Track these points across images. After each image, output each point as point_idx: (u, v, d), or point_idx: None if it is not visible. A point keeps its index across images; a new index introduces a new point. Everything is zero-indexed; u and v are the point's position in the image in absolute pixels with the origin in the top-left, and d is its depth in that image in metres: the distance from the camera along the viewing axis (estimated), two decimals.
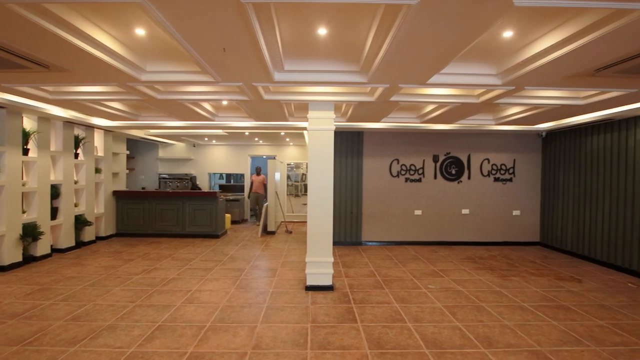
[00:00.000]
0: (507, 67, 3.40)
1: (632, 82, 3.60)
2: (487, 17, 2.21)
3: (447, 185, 7.32)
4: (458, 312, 3.75)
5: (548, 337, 3.20)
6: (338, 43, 3.12)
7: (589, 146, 6.11)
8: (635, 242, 5.20)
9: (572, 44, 2.65)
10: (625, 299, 4.23)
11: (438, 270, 5.36)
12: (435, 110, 5.40)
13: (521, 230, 7.41)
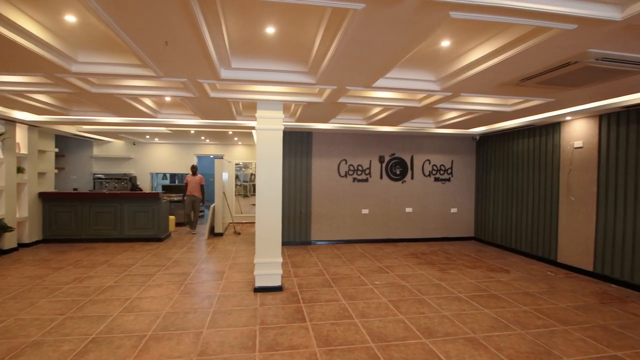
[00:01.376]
0: (445, 75, 3.63)
1: (550, 92, 4.04)
2: (427, 25, 2.35)
3: (392, 185, 7.64)
4: (402, 305, 3.94)
5: (481, 324, 3.48)
6: (287, 43, 3.12)
7: (516, 149, 6.74)
8: (553, 235, 5.84)
9: (500, 56, 2.91)
10: (545, 286, 4.73)
11: (384, 267, 5.57)
12: (380, 113, 5.61)
13: (458, 227, 7.97)
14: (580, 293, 4.44)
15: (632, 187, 4.60)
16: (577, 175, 5.40)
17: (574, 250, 5.44)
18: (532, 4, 2.05)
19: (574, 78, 3.36)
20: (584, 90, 3.89)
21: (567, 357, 2.86)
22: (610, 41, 2.54)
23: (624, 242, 4.70)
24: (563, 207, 5.66)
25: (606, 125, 4.97)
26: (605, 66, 2.98)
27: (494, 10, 2.09)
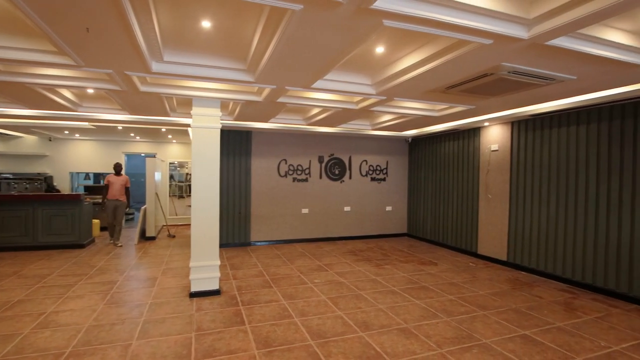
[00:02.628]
0: (380, 79, 3.81)
1: (472, 100, 4.44)
2: (363, 31, 2.45)
3: (331, 185, 7.81)
4: (340, 302, 4.05)
5: (412, 314, 3.71)
6: (224, 39, 3.04)
7: (443, 151, 7.30)
8: (474, 230, 6.43)
9: (428, 65, 3.13)
10: (468, 276, 5.19)
11: (323, 265, 5.67)
12: (320, 114, 5.70)
13: (393, 224, 8.41)
14: (496, 281, 4.95)
15: (537, 186, 5.25)
16: (494, 176, 6.01)
17: (491, 243, 6.06)
18: (456, 18, 2.25)
19: (490, 88, 3.74)
20: (499, 99, 4.34)
21: (486, 339, 3.17)
22: (519, 56, 2.88)
23: (531, 234, 5.34)
24: (482, 204, 6.26)
25: (517, 131, 5.60)
26: (515, 78, 3.36)
27: (422, 21, 2.25)
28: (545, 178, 5.13)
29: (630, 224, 4.13)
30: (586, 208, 4.60)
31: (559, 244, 4.94)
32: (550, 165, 5.06)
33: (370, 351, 2.93)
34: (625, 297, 4.18)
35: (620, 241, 4.22)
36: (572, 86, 3.70)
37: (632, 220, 4.12)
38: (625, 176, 4.19)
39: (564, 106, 4.45)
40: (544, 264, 5.14)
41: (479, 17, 2.31)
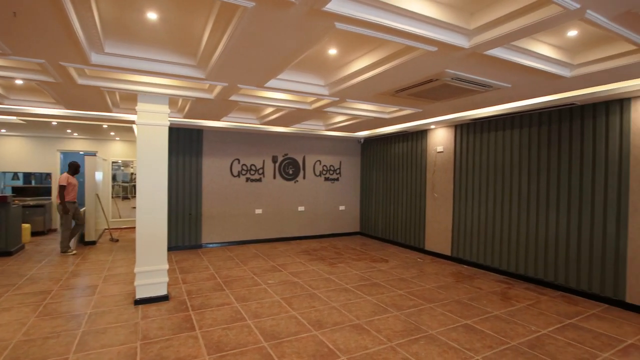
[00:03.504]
0: (333, 80, 3.87)
1: (419, 103, 4.66)
2: (316, 32, 2.48)
3: (285, 185, 7.79)
4: (294, 302, 4.05)
5: (364, 310, 3.82)
6: (172, 32, 2.91)
7: (393, 152, 7.58)
8: (422, 227, 6.76)
9: (378, 68, 3.24)
10: (416, 271, 5.45)
11: (277, 265, 5.64)
12: (273, 113, 5.66)
13: (346, 223, 8.58)
14: (441, 275, 5.25)
15: (477, 185, 5.64)
16: (440, 175, 6.36)
17: (437, 239, 6.40)
18: (404, 25, 2.35)
19: (436, 93, 3.96)
20: (443, 103, 4.60)
21: (432, 330, 3.35)
22: (461, 64, 3.07)
23: (472, 230, 5.73)
24: (429, 202, 6.60)
25: (460, 134, 5.98)
26: (458, 85, 3.59)
27: (373, 26, 2.32)
28: (485, 178, 5.53)
29: (556, 220, 4.58)
30: (519, 205, 5.03)
31: (496, 239, 5.35)
32: (489, 166, 5.47)
33: (323, 349, 2.96)
34: (552, 285, 4.63)
35: (547, 235, 4.67)
36: (507, 93, 4.03)
37: (557, 216, 4.57)
38: (552, 176, 4.64)
39: (501, 112, 4.83)
40: (484, 257, 5.54)
41: (425, 25, 2.43)
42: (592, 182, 4.23)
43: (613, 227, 4.03)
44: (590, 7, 2.07)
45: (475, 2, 2.40)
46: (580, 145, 4.35)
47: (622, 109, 3.98)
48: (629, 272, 3.90)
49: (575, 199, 4.38)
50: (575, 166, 4.39)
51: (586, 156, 4.29)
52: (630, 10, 2.09)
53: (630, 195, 3.90)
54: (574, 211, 4.39)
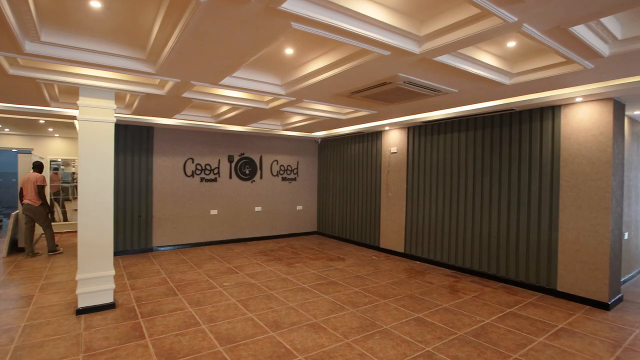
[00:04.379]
0: (290, 80, 3.87)
1: (374, 105, 4.80)
2: (272, 31, 2.46)
3: (242, 185, 7.64)
4: (251, 303, 3.99)
5: (321, 309, 3.85)
6: (119, 23, 2.74)
7: (349, 152, 7.73)
8: (377, 225, 6.96)
9: (334, 70, 3.29)
10: (371, 268, 5.59)
11: (233, 267, 5.52)
12: (229, 112, 5.54)
13: (303, 223, 8.60)
14: (395, 271, 5.44)
15: (428, 185, 5.92)
16: (394, 175, 6.59)
17: (391, 237, 6.63)
18: (359, 28, 2.40)
19: (389, 95, 4.10)
20: (397, 106, 4.77)
21: (386, 325, 3.46)
22: (413, 69, 3.21)
23: (423, 227, 6.00)
24: (384, 202, 6.81)
25: (412, 136, 6.23)
26: (409, 88, 3.74)
27: (329, 28, 2.35)
28: (435, 178, 5.82)
29: (498, 217, 4.93)
30: (466, 204, 5.35)
31: (445, 236, 5.64)
32: (439, 167, 5.76)
33: (280, 350, 2.95)
34: (494, 277, 4.98)
35: (490, 231, 5.01)
36: (455, 98, 4.26)
37: (499, 213, 4.92)
38: (494, 176, 4.99)
39: (449, 115, 5.11)
40: (434, 253, 5.83)
41: (379, 30, 2.51)
42: (528, 182, 4.61)
43: (546, 223, 4.42)
44: (526, 21, 2.26)
45: (425, 11, 2.51)
46: (518, 147, 4.72)
47: (554, 115, 4.38)
48: (559, 263, 4.30)
49: (515, 197, 4.75)
50: (515, 167, 4.76)
51: (524, 158, 4.66)
52: (559, 26, 2.31)
53: (560, 193, 4.30)
54: (514, 208, 4.76)
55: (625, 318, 3.71)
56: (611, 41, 2.70)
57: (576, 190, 4.16)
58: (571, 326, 3.49)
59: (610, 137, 3.90)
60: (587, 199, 4.06)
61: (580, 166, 4.13)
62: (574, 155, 4.19)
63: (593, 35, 2.57)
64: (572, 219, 4.19)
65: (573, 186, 4.19)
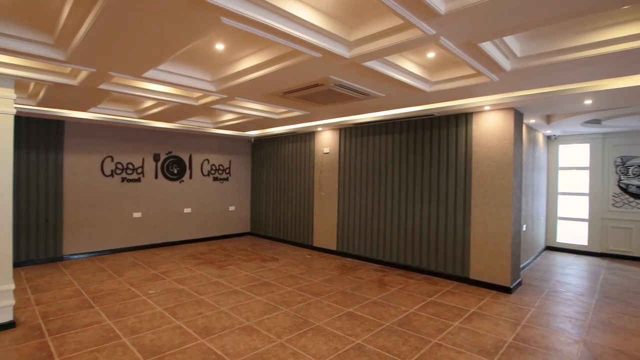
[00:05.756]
0: (221, 77, 3.75)
1: (307, 106, 4.86)
2: (201, 24, 2.36)
3: (169, 185, 7.20)
4: (179, 311, 3.78)
5: (254, 311, 3.80)
6: (19, 1, 2.40)
7: (283, 152, 7.73)
8: (310, 224, 7.06)
9: (267, 69, 3.27)
10: (305, 267, 5.66)
11: (159, 273, 5.18)
12: (154, 107, 5.18)
13: (236, 223, 8.39)
14: (328, 269, 5.58)
15: (359, 184, 6.17)
16: (326, 175, 6.75)
17: (324, 235, 6.78)
18: (291, 29, 2.42)
19: (321, 97, 4.19)
20: (329, 107, 4.90)
21: (319, 322, 3.53)
22: (343, 72, 3.32)
23: (354, 225, 6.24)
24: (317, 201, 6.94)
25: (344, 137, 6.45)
26: (340, 91, 3.86)
27: (260, 26, 2.33)
28: (365, 177, 6.09)
29: (420, 214, 5.33)
30: (392, 202, 5.68)
31: (374, 232, 5.94)
32: (368, 167, 6.04)
33: (211, 357, 2.85)
34: (418, 269, 5.37)
35: (414, 227, 5.40)
36: (382, 102, 4.51)
37: (421, 210, 5.32)
38: (417, 176, 5.38)
39: (378, 118, 5.39)
40: (364, 249, 6.10)
41: (311, 32, 2.55)
42: (446, 181, 5.05)
43: (461, 218, 4.89)
44: (443, 35, 2.48)
45: (355, 17, 2.62)
46: (438, 150, 5.15)
47: (467, 121, 4.86)
48: (472, 254, 4.79)
49: (435, 196, 5.17)
50: (435, 168, 5.18)
51: (442, 160, 5.10)
52: (470, 41, 2.57)
53: (472, 192, 4.79)
54: (434, 206, 5.18)
55: (523, 299, 4.26)
56: (512, 58, 3.08)
57: (485, 188, 4.67)
58: (481, 310, 3.91)
59: (512, 142, 4.45)
60: (494, 197, 4.58)
61: (488, 167, 4.64)
62: (483, 157, 4.70)
63: (498, 51, 2.91)
64: (481, 214, 4.70)
65: (482, 185, 4.69)
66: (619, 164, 6.54)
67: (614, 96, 3.76)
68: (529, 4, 2.03)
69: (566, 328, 3.48)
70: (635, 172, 6.35)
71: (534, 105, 4.27)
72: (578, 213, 6.99)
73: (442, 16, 2.18)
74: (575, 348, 3.07)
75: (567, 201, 7.14)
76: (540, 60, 2.98)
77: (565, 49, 2.81)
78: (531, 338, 3.25)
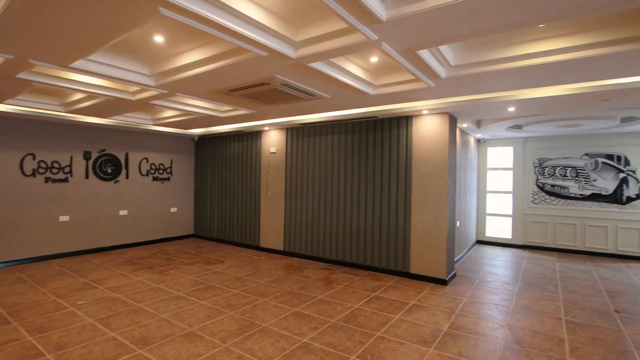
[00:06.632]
0: (161, 71, 3.55)
1: (253, 105, 4.78)
2: (138, 13, 2.21)
3: (103, 186, 6.66)
4: (113, 321, 3.52)
5: (197, 316, 3.66)
6: None
7: (229, 151, 7.53)
8: (257, 225, 6.96)
9: (210, 65, 3.16)
10: (251, 268, 5.57)
11: (91, 282, 4.77)
12: (85, 100, 4.76)
13: (178, 226, 8.00)
14: (275, 269, 5.54)
15: (305, 184, 6.21)
16: (273, 175, 6.70)
17: (271, 236, 6.73)
18: (235, 25, 2.37)
19: (267, 96, 4.15)
20: (276, 107, 4.87)
21: (265, 323, 3.50)
22: (290, 72, 3.32)
23: (301, 225, 6.27)
24: (263, 201, 6.86)
25: (291, 137, 6.45)
26: (287, 91, 3.86)
27: (202, 20, 2.25)
28: (311, 177, 6.15)
29: (365, 212, 5.51)
30: (338, 201, 5.81)
31: (320, 231, 6.02)
32: (315, 167, 6.11)
33: None
34: (363, 266, 5.55)
35: (359, 225, 5.57)
36: (328, 103, 4.59)
37: (365, 209, 5.51)
38: (362, 176, 5.55)
39: (324, 119, 5.47)
40: (311, 249, 6.15)
41: (257, 30, 2.52)
42: (389, 181, 5.28)
43: (402, 216, 5.15)
44: (385, 41, 2.59)
45: (301, 18, 2.64)
46: (381, 151, 5.37)
47: (407, 124, 5.12)
48: (412, 250, 5.06)
49: (378, 195, 5.38)
50: (378, 168, 5.39)
51: (385, 160, 5.32)
52: (409, 48, 2.72)
53: (412, 191, 5.05)
54: (377, 204, 5.39)
55: (457, 290, 4.60)
56: (447, 66, 3.31)
57: (423, 188, 4.96)
58: (420, 302, 4.15)
59: (447, 144, 4.78)
60: (431, 195, 4.89)
61: (426, 168, 4.94)
62: (422, 158, 4.98)
63: (434, 59, 3.11)
64: (420, 212, 4.98)
65: (421, 184, 4.98)
66: (536, 165, 7.32)
67: (533, 104, 4.20)
68: (462, 17, 2.20)
69: (493, 314, 3.82)
70: (550, 173, 7.16)
71: (466, 111, 4.63)
72: (504, 209, 7.70)
73: (384, 23, 2.28)
74: (501, 332, 3.38)
75: (494, 199, 7.83)
76: (471, 70, 3.24)
77: (493, 60, 3.09)
78: (464, 325, 3.52)
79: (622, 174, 6.51)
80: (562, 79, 3.36)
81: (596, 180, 6.73)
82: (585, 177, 6.83)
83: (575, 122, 5.36)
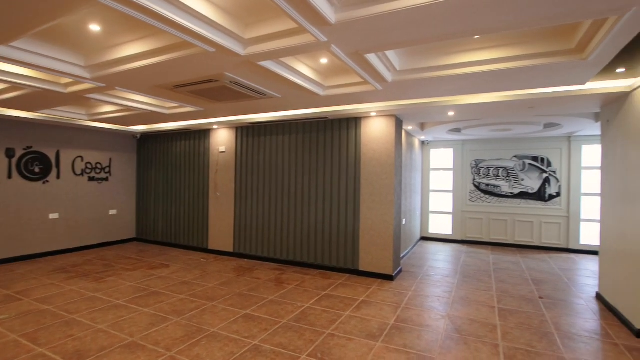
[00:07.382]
0: (97, 63, 3.30)
1: (200, 102, 4.62)
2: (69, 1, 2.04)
3: (29, 187, 6.02)
4: (41, 336, 3.20)
5: (140, 325, 3.45)
6: None
7: (175, 150, 7.19)
8: (205, 227, 6.73)
9: (153, 58, 3.00)
10: (199, 272, 5.37)
11: (14, 294, 4.30)
12: (7, 92, 4.28)
13: (118, 229, 7.48)
14: (224, 272, 5.39)
15: (256, 184, 6.13)
16: (222, 175, 6.52)
17: (220, 237, 6.54)
18: (179, 18, 2.26)
19: (215, 93, 4.03)
20: (225, 105, 4.74)
21: (214, 328, 3.40)
22: (239, 70, 3.26)
23: (251, 226, 6.17)
24: (212, 202, 6.65)
25: (241, 136, 6.32)
26: (236, 89, 3.78)
27: (142, 9, 2.12)
28: (262, 177, 6.08)
29: (315, 212, 5.56)
30: (289, 201, 5.80)
31: (271, 232, 5.97)
32: (265, 167, 6.04)
33: None
34: (313, 265, 5.60)
35: (310, 225, 5.61)
36: (279, 102, 4.56)
37: (316, 209, 5.56)
38: (312, 176, 5.60)
39: (275, 118, 5.43)
40: (262, 249, 6.08)
41: (203, 24, 2.44)
42: (338, 180, 5.38)
43: (351, 215, 5.27)
44: (334, 43, 2.63)
45: (250, 15, 2.60)
46: (331, 151, 5.45)
47: (356, 125, 5.26)
48: (360, 247, 5.20)
49: (329, 194, 5.46)
50: (328, 168, 5.47)
51: (335, 160, 5.42)
52: (357, 52, 2.79)
53: (361, 190, 5.20)
54: (327, 204, 5.47)
55: (403, 285, 4.81)
56: (393, 70, 3.45)
57: (371, 187, 5.12)
58: (369, 298, 4.28)
59: (394, 145, 4.98)
60: (379, 194, 5.06)
61: (374, 168, 5.11)
62: (370, 159, 5.14)
63: (381, 63, 3.22)
64: (368, 210, 5.14)
65: (369, 184, 5.14)
66: (473, 166, 7.90)
67: (470, 110, 4.53)
68: (405, 24, 2.30)
69: (435, 306, 4.05)
70: (485, 173, 7.76)
71: (410, 114, 4.86)
72: (445, 207, 8.20)
73: (333, 25, 2.32)
74: (443, 323, 3.60)
75: (437, 197, 8.31)
76: (414, 75, 3.41)
77: (434, 67, 3.28)
78: (409, 318, 3.69)
79: (545, 174, 7.25)
80: (495, 86, 3.65)
81: (524, 180, 7.42)
82: (515, 177, 7.50)
83: (506, 126, 5.86)
